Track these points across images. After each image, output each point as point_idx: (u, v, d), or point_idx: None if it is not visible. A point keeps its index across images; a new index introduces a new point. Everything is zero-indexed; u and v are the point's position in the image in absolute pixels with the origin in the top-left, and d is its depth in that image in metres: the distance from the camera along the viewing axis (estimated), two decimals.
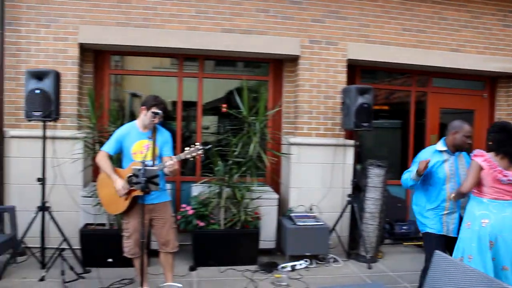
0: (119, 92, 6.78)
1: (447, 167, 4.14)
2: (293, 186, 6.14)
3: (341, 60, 6.30)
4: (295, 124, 6.29)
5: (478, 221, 3.73)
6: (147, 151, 4.10)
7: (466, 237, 3.80)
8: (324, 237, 5.64)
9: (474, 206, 3.83)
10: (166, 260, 4.41)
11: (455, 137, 4.18)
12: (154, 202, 4.22)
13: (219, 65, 6.87)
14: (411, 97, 7.10)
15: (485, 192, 3.78)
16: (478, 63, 6.74)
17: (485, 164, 3.75)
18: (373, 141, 7.70)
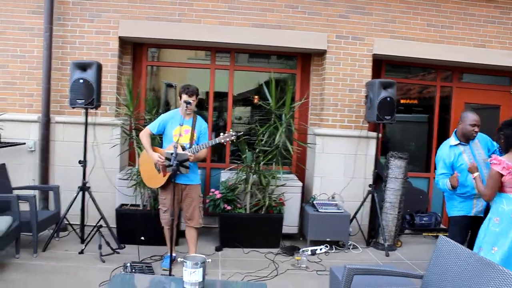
0: (155, 82, 7.21)
1: (466, 157, 4.38)
2: (317, 175, 6.41)
3: (367, 55, 6.51)
4: (320, 115, 6.55)
5: (508, 216, 3.76)
6: (186, 135, 4.72)
7: (495, 232, 3.81)
8: (344, 224, 5.90)
9: (503, 202, 3.84)
10: (191, 234, 4.97)
11: (461, 127, 4.40)
12: (186, 183, 4.81)
13: (250, 58, 7.18)
14: (436, 92, 7.23)
15: (510, 190, 3.81)
16: (503, 59, 6.80)
17: (505, 172, 3.78)
18: (400, 134, 7.87)
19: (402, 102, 8.24)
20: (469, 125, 4.40)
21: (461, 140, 4.47)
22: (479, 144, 4.49)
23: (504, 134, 3.95)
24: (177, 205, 4.75)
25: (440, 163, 4.56)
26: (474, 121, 4.40)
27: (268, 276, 4.85)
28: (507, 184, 3.81)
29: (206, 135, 4.94)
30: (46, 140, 6.06)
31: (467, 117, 4.44)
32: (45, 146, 6.06)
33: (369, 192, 6.16)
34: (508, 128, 3.94)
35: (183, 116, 4.75)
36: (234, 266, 5.12)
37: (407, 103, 7.99)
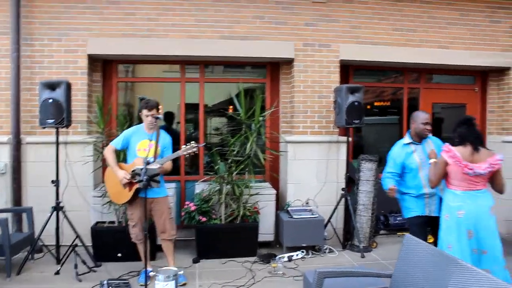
0: (130, 97, 7.25)
1: (417, 157, 4.51)
2: (290, 181, 6.50)
3: (334, 61, 6.63)
4: (291, 123, 6.65)
5: (455, 212, 3.96)
6: (150, 149, 4.75)
7: (445, 228, 4.06)
8: (319, 229, 5.98)
9: (449, 199, 4.06)
10: (166, 247, 5.03)
11: (414, 127, 4.55)
12: (154, 196, 4.84)
13: (220, 69, 7.26)
14: (404, 93, 7.39)
15: (457, 184, 4.01)
16: (466, 59, 7.01)
17: (451, 160, 3.97)
18: (373, 136, 8.02)
19: (376, 104, 8.41)
20: (421, 123, 4.55)
21: (414, 139, 4.61)
22: (432, 144, 4.62)
23: (457, 132, 4.10)
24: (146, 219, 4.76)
25: (390, 162, 4.69)
26: (425, 119, 4.55)
27: (245, 285, 4.89)
28: (452, 175, 3.98)
29: (170, 149, 5.00)
30: (17, 161, 6.03)
31: (418, 116, 4.60)
32: (17, 167, 6.03)
33: (342, 195, 6.26)
34: (461, 126, 4.10)
35: (146, 130, 4.85)
36: (211, 277, 5.15)
37: (381, 105, 8.15)
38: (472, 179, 3.96)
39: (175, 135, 6.68)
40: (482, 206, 3.96)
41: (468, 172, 3.92)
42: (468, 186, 3.97)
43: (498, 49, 7.18)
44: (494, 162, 3.96)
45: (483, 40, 7.13)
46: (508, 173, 6.82)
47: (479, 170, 3.92)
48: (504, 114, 7.34)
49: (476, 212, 3.92)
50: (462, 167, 3.92)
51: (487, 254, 3.91)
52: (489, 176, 4.01)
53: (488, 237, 3.93)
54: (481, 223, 3.92)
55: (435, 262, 2.95)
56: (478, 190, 3.99)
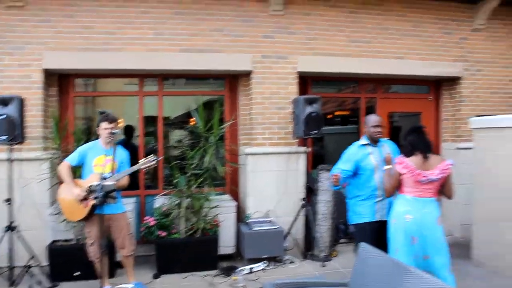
0: (90, 112, 7.15)
1: (373, 158, 4.59)
2: (250, 193, 6.53)
3: (292, 73, 6.70)
4: (250, 135, 6.68)
5: (402, 217, 4.08)
6: (107, 164, 4.71)
7: (393, 232, 4.17)
8: (280, 239, 6.03)
9: (399, 204, 4.17)
10: (126, 263, 5.03)
11: (366, 130, 4.66)
12: (111, 212, 4.80)
13: (180, 82, 7.24)
14: (361, 103, 7.54)
15: (409, 191, 4.12)
16: (420, 69, 7.22)
17: (404, 170, 4.09)
18: (334, 145, 8.12)
19: (337, 114, 8.55)
20: (372, 126, 4.65)
21: (370, 141, 4.70)
22: (388, 147, 4.73)
23: (407, 140, 4.21)
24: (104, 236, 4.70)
25: (343, 159, 4.72)
26: (376, 122, 4.66)
27: None
28: (405, 183, 4.09)
29: (128, 164, 4.96)
30: None
31: (369, 120, 4.71)
32: None
33: (301, 206, 6.33)
34: (411, 134, 4.22)
35: (103, 145, 4.81)
36: None
37: (342, 115, 8.29)
38: (424, 186, 4.07)
39: (135, 149, 6.63)
40: (429, 214, 4.07)
41: (421, 180, 4.04)
42: (419, 193, 4.08)
43: (450, 59, 7.42)
44: (445, 167, 4.10)
45: (436, 51, 7.36)
46: (462, 178, 7.07)
47: (432, 177, 4.04)
48: (457, 122, 7.57)
49: (422, 219, 4.03)
50: (416, 175, 4.03)
51: (431, 260, 4.04)
52: (441, 182, 4.14)
53: (434, 245, 4.05)
54: (426, 231, 4.03)
55: (388, 270, 3.03)
56: (428, 198, 4.10)
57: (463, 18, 7.54)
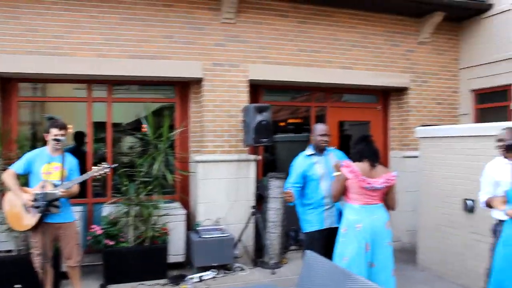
0: (36, 117, 6.92)
1: (319, 168, 4.64)
2: (200, 201, 6.48)
3: (243, 81, 6.74)
4: (201, 142, 6.65)
5: (353, 226, 4.11)
6: (55, 172, 4.57)
7: (343, 241, 4.18)
8: (230, 247, 6.01)
9: (348, 213, 4.21)
10: (72, 274, 4.86)
11: (313, 139, 4.71)
12: (60, 221, 4.64)
13: (129, 88, 7.14)
14: (311, 112, 7.66)
15: (355, 198, 4.17)
16: (368, 79, 7.42)
17: (350, 175, 4.14)
18: (286, 153, 8.18)
19: (290, 121, 8.64)
20: (318, 135, 4.69)
21: (316, 151, 4.75)
22: (334, 157, 4.78)
23: (356, 149, 4.29)
24: (51, 246, 4.56)
25: (292, 173, 4.76)
26: (322, 131, 4.71)
27: None
28: (351, 190, 4.14)
29: (77, 171, 4.84)
30: None
31: (316, 129, 4.76)
32: None
33: (252, 213, 6.34)
34: (360, 143, 4.30)
35: (51, 153, 4.66)
36: None
37: (295, 122, 8.38)
38: (370, 194, 4.13)
39: (84, 155, 6.48)
40: (378, 220, 4.14)
41: (366, 186, 4.09)
42: (365, 200, 4.14)
43: (397, 70, 7.67)
44: (390, 178, 4.18)
45: (384, 62, 7.59)
46: (409, 186, 7.30)
47: (376, 185, 4.11)
48: (404, 131, 7.82)
49: (372, 226, 4.09)
50: (361, 181, 4.09)
51: (377, 267, 4.10)
52: (385, 191, 4.21)
53: (381, 250, 4.12)
54: (377, 236, 4.10)
55: (333, 276, 3.06)
56: (375, 205, 4.17)
57: (410, 31, 7.82)
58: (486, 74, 7.78)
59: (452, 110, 8.17)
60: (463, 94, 8.20)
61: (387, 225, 4.20)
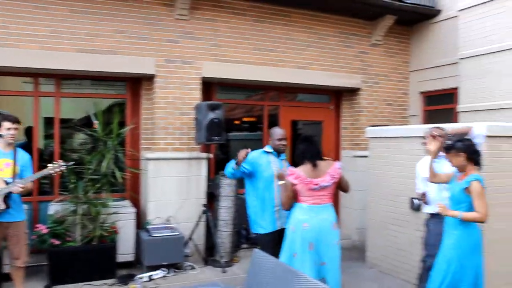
0: None
1: (274, 167, 4.64)
2: (151, 199, 6.39)
3: (196, 78, 6.68)
4: (152, 140, 6.56)
5: (300, 225, 4.13)
6: (7, 169, 4.46)
7: (290, 239, 4.20)
8: (180, 246, 5.96)
9: (296, 212, 4.21)
10: (17, 275, 4.74)
11: (272, 142, 4.73)
12: (10, 220, 4.52)
13: (80, 84, 6.95)
14: (264, 110, 7.70)
15: (305, 200, 4.17)
16: (323, 79, 7.52)
17: (295, 181, 4.13)
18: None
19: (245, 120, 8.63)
20: (276, 139, 4.70)
21: (274, 151, 4.74)
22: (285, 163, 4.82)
23: (298, 149, 4.30)
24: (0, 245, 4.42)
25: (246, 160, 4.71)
26: (280, 135, 4.72)
27: None
28: (302, 193, 4.15)
29: (30, 167, 4.72)
30: None
31: (274, 133, 4.78)
32: None
33: (203, 212, 6.30)
34: (301, 143, 4.32)
35: (2, 148, 4.51)
36: None
37: (250, 121, 8.38)
38: (319, 194, 4.15)
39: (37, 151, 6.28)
40: (325, 220, 4.16)
41: (314, 188, 4.11)
42: (314, 200, 4.15)
43: (350, 71, 7.81)
44: (335, 172, 4.21)
45: (337, 63, 7.71)
46: (359, 185, 7.42)
47: (324, 183, 4.14)
48: (356, 131, 7.97)
49: (319, 226, 4.11)
50: (308, 183, 4.10)
51: (326, 266, 4.14)
52: (334, 186, 4.27)
53: (328, 250, 4.15)
54: (322, 237, 4.11)
55: (278, 274, 3.08)
56: (323, 205, 4.19)
57: (363, 33, 7.98)
58: (434, 77, 8.05)
59: (402, 111, 8.40)
60: (413, 96, 8.45)
61: (334, 225, 4.23)
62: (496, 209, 4.84)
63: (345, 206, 8.01)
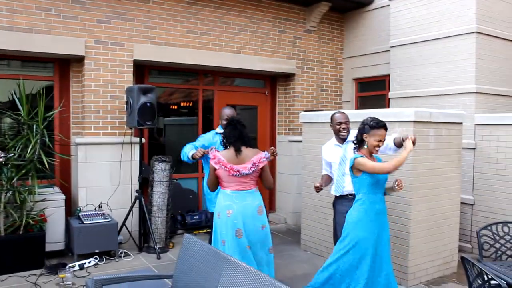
0: None
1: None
2: (82, 185, 6.16)
3: (127, 61, 6.47)
4: (83, 124, 6.31)
5: (224, 212, 4.08)
6: None
7: (218, 226, 4.16)
8: (113, 233, 5.79)
9: (221, 198, 4.16)
10: None
11: (221, 122, 4.76)
12: None
13: (6, 65, 6.49)
14: (199, 95, 7.61)
15: (227, 186, 4.13)
16: (256, 64, 7.53)
17: (217, 166, 4.08)
18: (177, 136, 8.06)
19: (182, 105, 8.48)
20: (225, 120, 4.67)
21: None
22: None
23: (225, 133, 4.25)
24: None
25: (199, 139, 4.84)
26: (227, 115, 4.73)
27: None
28: (222, 178, 4.12)
29: None
30: None
31: (224, 113, 4.80)
32: None
33: (136, 197, 6.16)
34: (227, 127, 4.25)
35: None
36: None
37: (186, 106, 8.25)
38: (241, 180, 4.09)
39: None
40: (249, 206, 4.10)
41: (234, 174, 4.05)
42: (236, 186, 4.10)
43: (285, 56, 7.87)
44: (259, 161, 4.11)
45: (272, 48, 7.74)
46: (295, 169, 7.57)
47: (244, 171, 4.05)
48: (291, 116, 8.07)
49: (243, 212, 4.06)
50: (228, 170, 4.04)
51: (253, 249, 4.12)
52: (257, 175, 4.18)
53: (256, 235, 4.13)
54: (248, 222, 4.08)
55: (209, 259, 3.06)
56: (247, 191, 4.13)
57: (297, 19, 8.05)
58: (367, 64, 8.28)
59: (336, 97, 8.59)
60: (346, 82, 8.66)
61: (259, 210, 4.18)
62: (421, 191, 5.09)
63: (281, 191, 8.12)
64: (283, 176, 8.09)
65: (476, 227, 5.77)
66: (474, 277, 2.89)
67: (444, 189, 5.37)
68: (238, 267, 2.75)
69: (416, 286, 5.13)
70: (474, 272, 2.87)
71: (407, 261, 5.04)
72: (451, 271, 5.58)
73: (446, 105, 6.45)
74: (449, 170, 5.43)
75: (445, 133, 5.34)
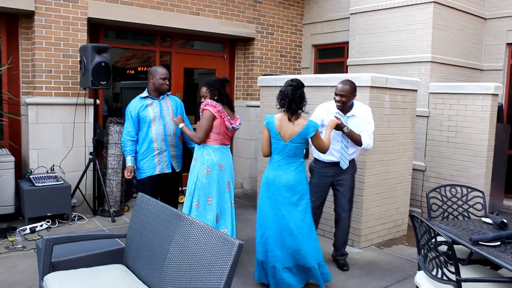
0: None
1: (151, 110, 4.56)
2: (32, 147, 5.96)
3: (81, 18, 6.20)
4: (33, 83, 6.05)
5: (216, 167, 4.17)
6: None
7: (206, 183, 4.16)
8: (66, 196, 5.66)
9: (210, 153, 4.18)
10: None
11: (153, 82, 4.60)
12: None
13: None
14: (156, 57, 7.42)
15: (215, 139, 4.19)
16: (215, 27, 7.38)
17: (218, 114, 4.14)
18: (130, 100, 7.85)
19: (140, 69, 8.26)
20: (160, 78, 4.58)
21: (151, 94, 4.64)
22: (169, 102, 4.75)
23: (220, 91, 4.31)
24: None
25: (127, 117, 4.65)
26: (164, 74, 4.62)
27: None
28: (218, 130, 4.17)
29: None
30: None
31: (156, 72, 4.63)
32: None
33: (90, 160, 6.02)
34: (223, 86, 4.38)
35: None
36: None
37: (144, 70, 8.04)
38: (228, 134, 4.28)
39: None
40: (231, 160, 4.37)
41: (228, 127, 4.21)
42: (222, 141, 4.24)
43: (244, 20, 7.74)
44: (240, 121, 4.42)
45: (231, 11, 7.59)
46: (252, 134, 7.56)
47: (236, 126, 4.30)
48: (249, 81, 8.02)
49: (229, 165, 4.32)
50: (227, 121, 4.18)
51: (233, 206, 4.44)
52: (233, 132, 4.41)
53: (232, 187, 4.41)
54: (233, 176, 4.39)
55: (163, 218, 3.04)
56: (228, 145, 4.36)
57: None
58: (327, 31, 8.27)
59: (295, 63, 8.58)
60: (306, 48, 8.64)
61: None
62: (375, 155, 5.20)
63: (238, 155, 8.12)
64: (240, 141, 8.08)
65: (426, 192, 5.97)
66: (422, 234, 3.02)
67: (397, 155, 5.52)
68: (192, 224, 2.75)
69: (367, 248, 5.31)
70: (422, 229, 3.00)
71: (360, 223, 5.19)
72: (402, 233, 5.80)
73: (402, 73, 6.56)
74: (403, 136, 5.57)
75: (400, 100, 5.44)
